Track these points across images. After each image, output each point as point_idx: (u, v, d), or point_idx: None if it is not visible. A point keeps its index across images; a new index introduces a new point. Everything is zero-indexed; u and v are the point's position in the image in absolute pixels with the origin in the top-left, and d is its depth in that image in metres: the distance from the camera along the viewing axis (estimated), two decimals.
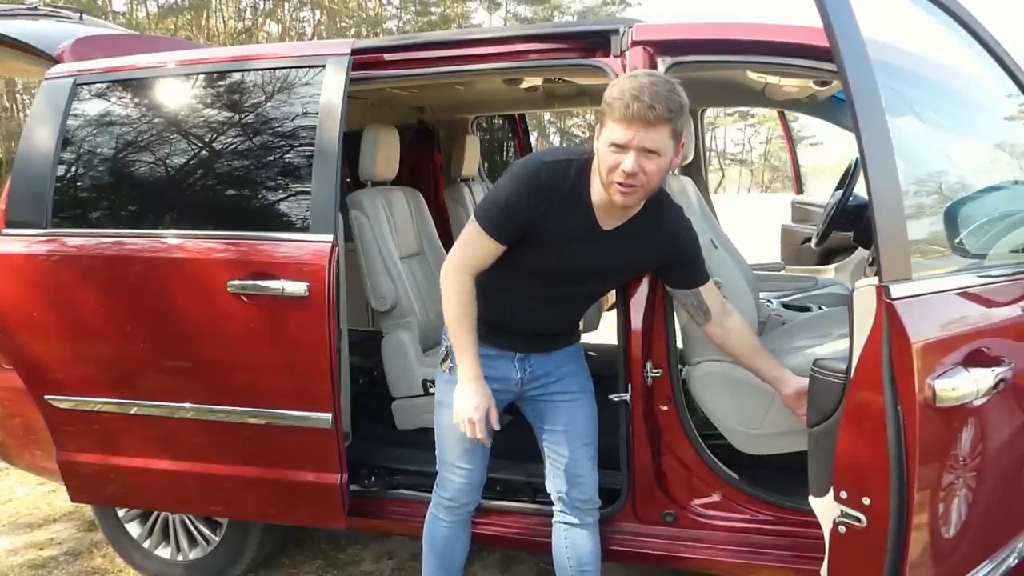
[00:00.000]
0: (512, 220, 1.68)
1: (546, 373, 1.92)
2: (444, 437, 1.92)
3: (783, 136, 5.22)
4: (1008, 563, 1.66)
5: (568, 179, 1.67)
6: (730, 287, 2.18)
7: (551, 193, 1.66)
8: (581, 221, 1.70)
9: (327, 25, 25.49)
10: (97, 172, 2.34)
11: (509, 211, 1.67)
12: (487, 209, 1.70)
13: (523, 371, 1.90)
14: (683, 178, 2.39)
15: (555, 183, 1.66)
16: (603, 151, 1.57)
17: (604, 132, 1.57)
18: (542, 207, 1.66)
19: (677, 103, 1.53)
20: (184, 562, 2.57)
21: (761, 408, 2.10)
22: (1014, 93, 1.93)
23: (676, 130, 1.56)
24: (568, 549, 1.97)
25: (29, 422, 2.42)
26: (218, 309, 2.12)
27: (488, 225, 1.69)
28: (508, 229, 1.69)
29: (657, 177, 1.59)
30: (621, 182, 1.55)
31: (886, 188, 1.38)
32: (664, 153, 1.56)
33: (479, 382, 1.75)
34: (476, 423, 1.72)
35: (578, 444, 1.91)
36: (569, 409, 1.92)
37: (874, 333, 1.40)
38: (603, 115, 1.57)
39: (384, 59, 2.25)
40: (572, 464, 1.91)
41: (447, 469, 1.94)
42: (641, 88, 1.50)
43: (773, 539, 2.01)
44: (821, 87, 2.72)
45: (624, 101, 1.50)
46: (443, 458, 1.94)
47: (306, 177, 2.11)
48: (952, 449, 1.46)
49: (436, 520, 2.01)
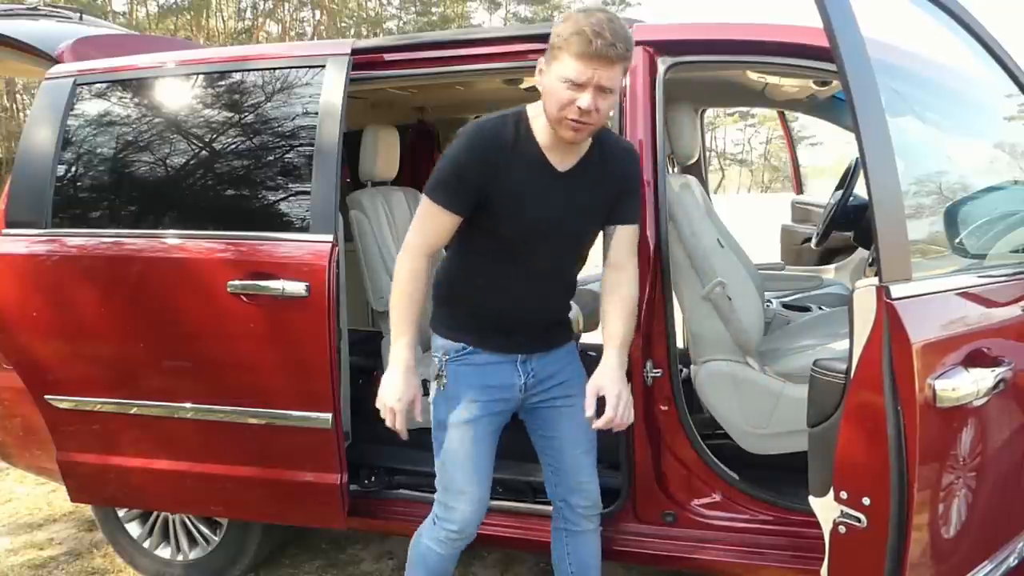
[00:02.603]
0: (464, 184, 1.61)
1: (549, 376, 1.82)
2: (450, 461, 1.76)
3: (783, 136, 5.22)
4: (1008, 563, 1.66)
5: (509, 129, 1.63)
6: (736, 287, 2.18)
7: (498, 148, 1.61)
8: (537, 167, 1.64)
9: (327, 25, 25.50)
10: (97, 172, 2.34)
11: (459, 175, 1.61)
12: (435, 181, 1.63)
13: (526, 376, 1.79)
14: (688, 177, 2.39)
15: (499, 137, 1.61)
16: (555, 87, 1.52)
17: (556, 67, 1.51)
18: (492, 162, 1.60)
19: (631, 40, 1.53)
20: (184, 562, 2.57)
21: (767, 408, 2.11)
22: (1014, 93, 1.93)
23: (627, 67, 1.58)
24: (570, 556, 1.91)
25: (29, 422, 2.42)
26: (218, 309, 2.12)
27: (439, 196, 1.62)
28: (461, 195, 1.61)
29: (607, 113, 1.59)
30: (575, 119, 1.51)
31: (886, 188, 1.38)
32: (616, 90, 1.55)
33: (410, 372, 1.67)
34: (398, 413, 1.66)
35: (580, 450, 1.84)
36: (571, 414, 1.81)
37: (874, 333, 1.39)
38: (555, 49, 1.51)
39: (384, 59, 2.25)
40: (576, 470, 1.84)
41: (454, 497, 1.77)
42: (602, 25, 1.46)
43: (773, 539, 2.01)
44: (821, 87, 2.73)
45: (586, 37, 1.46)
46: (450, 485, 1.77)
47: (306, 177, 2.11)
48: (952, 449, 1.46)
49: (431, 552, 1.84)
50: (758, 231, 6.39)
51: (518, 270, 1.71)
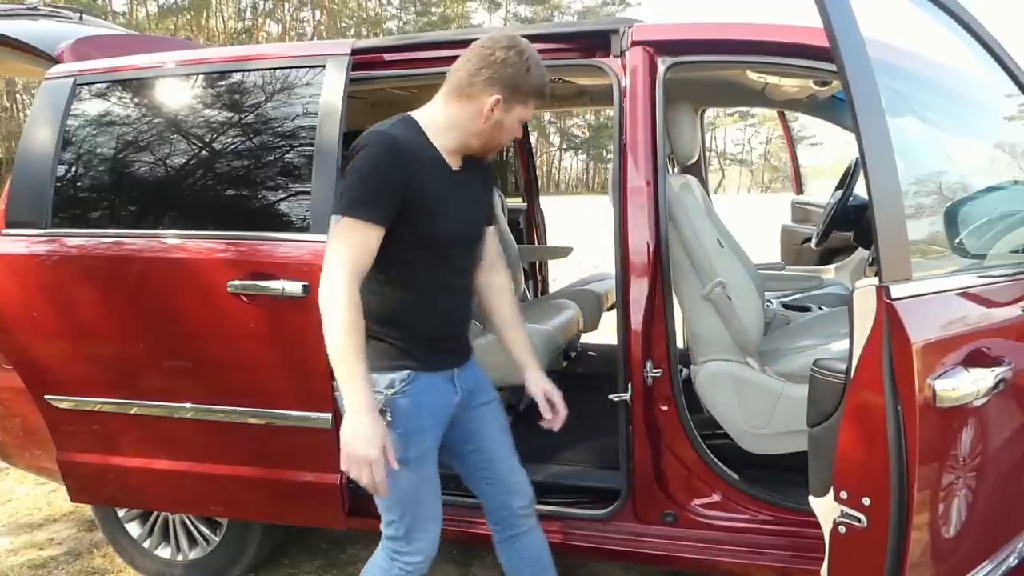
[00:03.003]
0: (385, 192, 1.55)
1: (474, 387, 1.79)
2: (419, 495, 1.68)
3: (783, 136, 5.22)
4: (1008, 563, 1.66)
5: (413, 136, 1.63)
6: (736, 287, 2.18)
7: (412, 153, 1.59)
8: (441, 168, 1.65)
9: (327, 25, 25.49)
10: (97, 172, 2.34)
11: (379, 185, 1.54)
12: (353, 198, 1.53)
13: (461, 391, 1.74)
14: (688, 177, 2.39)
15: (410, 143, 1.61)
16: (513, 126, 1.66)
17: (519, 111, 1.63)
18: (410, 169, 1.58)
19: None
20: (184, 562, 2.57)
21: (767, 408, 2.11)
22: (1014, 93, 1.93)
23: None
24: (524, 558, 1.87)
25: (29, 422, 2.42)
26: (218, 309, 2.12)
27: (361, 211, 1.52)
28: (383, 204, 1.55)
29: None
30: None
31: (886, 188, 1.38)
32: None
33: (373, 412, 1.49)
34: (375, 464, 1.46)
35: (507, 452, 1.83)
36: (492, 419, 1.82)
37: (874, 333, 1.40)
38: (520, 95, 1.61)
39: (384, 59, 2.25)
40: (510, 473, 1.83)
41: (422, 526, 1.70)
42: (545, 75, 1.63)
43: (773, 539, 2.01)
44: (821, 87, 2.73)
45: (539, 88, 1.62)
46: (420, 516, 1.70)
47: (306, 177, 2.11)
48: (952, 449, 1.46)
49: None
50: (758, 231, 6.39)
51: (441, 281, 1.68)
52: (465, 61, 1.61)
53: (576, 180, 52.51)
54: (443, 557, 2.70)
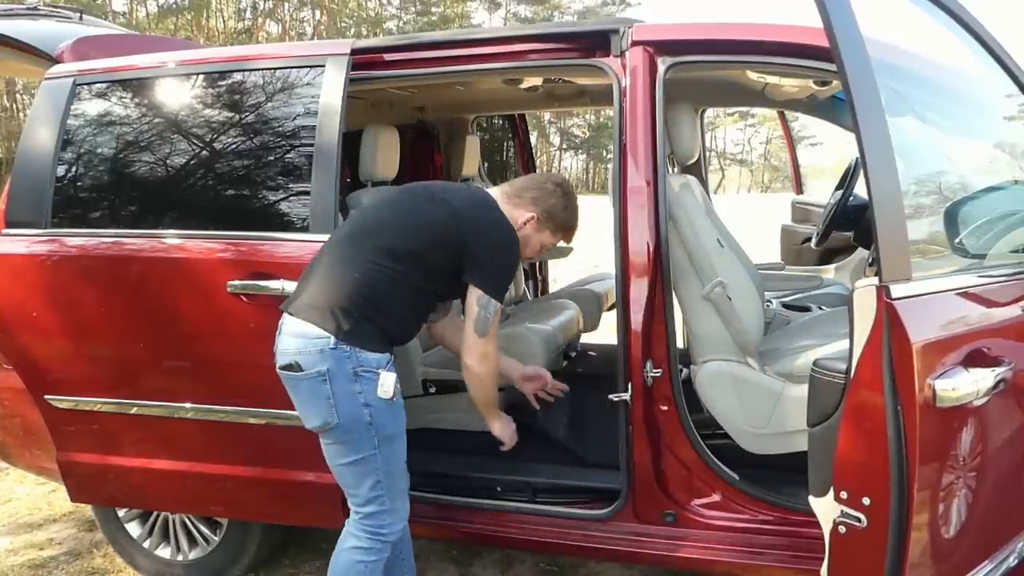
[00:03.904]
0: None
1: None
2: (398, 469, 1.88)
3: (783, 136, 5.21)
4: (1008, 563, 1.66)
5: None
6: (736, 287, 2.18)
7: None
8: None
9: (327, 25, 25.51)
10: (97, 172, 2.34)
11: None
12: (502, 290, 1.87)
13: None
14: (688, 177, 2.39)
15: None
16: (535, 246, 2.02)
17: (548, 236, 2.01)
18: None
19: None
20: (184, 562, 2.57)
21: (767, 408, 2.11)
22: (1014, 93, 1.93)
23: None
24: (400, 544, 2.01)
25: (29, 422, 2.42)
26: (218, 309, 2.12)
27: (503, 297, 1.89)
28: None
29: None
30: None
31: (886, 188, 1.38)
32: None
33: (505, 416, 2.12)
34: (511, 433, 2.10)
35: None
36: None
37: (874, 333, 1.40)
38: (553, 224, 2.00)
39: (384, 59, 2.25)
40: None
41: (400, 497, 1.90)
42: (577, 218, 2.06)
43: (773, 539, 2.01)
44: (821, 87, 2.72)
45: (568, 223, 2.02)
46: (397, 487, 1.89)
47: (306, 177, 2.11)
48: (952, 449, 1.46)
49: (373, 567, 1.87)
50: (758, 231, 6.39)
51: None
52: (531, 179, 2.05)
53: (576, 180, 52.56)
54: (443, 557, 2.70)
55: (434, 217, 1.85)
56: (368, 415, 1.78)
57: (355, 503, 1.87)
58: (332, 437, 1.82)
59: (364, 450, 1.80)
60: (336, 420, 1.77)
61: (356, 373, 1.76)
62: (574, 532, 2.15)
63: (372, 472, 1.82)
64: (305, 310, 1.79)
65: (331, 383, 1.75)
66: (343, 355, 1.75)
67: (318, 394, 1.77)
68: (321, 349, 1.75)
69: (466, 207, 1.86)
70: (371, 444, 1.80)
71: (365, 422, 1.78)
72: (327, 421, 1.78)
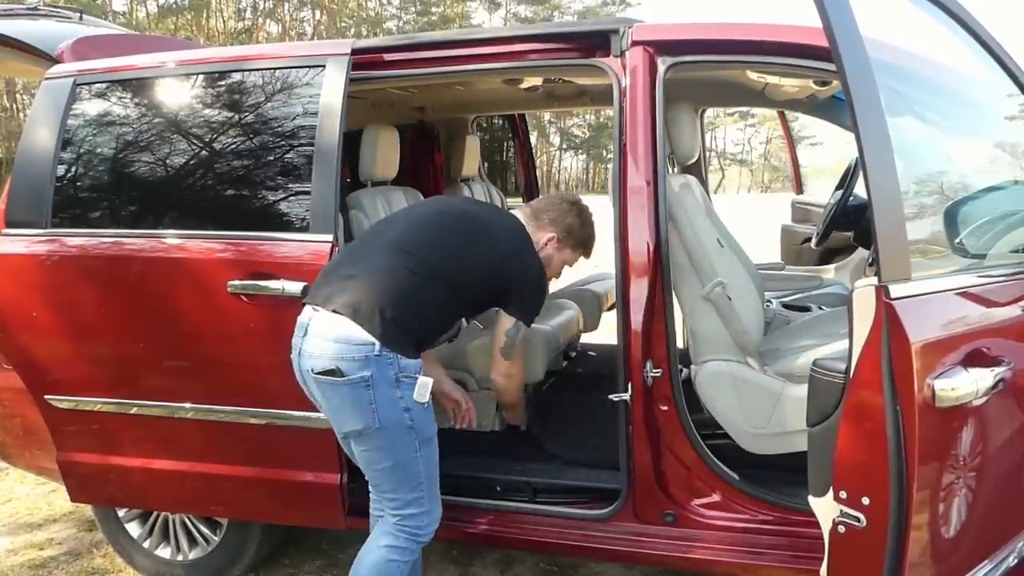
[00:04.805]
0: None
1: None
2: (436, 471, 1.90)
3: (783, 136, 5.21)
4: (1008, 563, 1.66)
5: None
6: (736, 287, 2.18)
7: None
8: None
9: (327, 25, 25.51)
10: (97, 172, 2.34)
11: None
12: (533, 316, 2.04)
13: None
14: (688, 177, 2.39)
15: None
16: (558, 266, 2.18)
17: (569, 254, 2.18)
18: None
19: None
20: (184, 562, 2.57)
21: (767, 408, 2.11)
22: (1014, 93, 1.93)
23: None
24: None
25: (29, 422, 2.42)
26: (218, 309, 2.12)
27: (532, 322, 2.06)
28: None
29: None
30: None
31: (886, 188, 1.38)
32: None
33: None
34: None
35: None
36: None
37: (874, 333, 1.40)
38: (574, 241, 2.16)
39: (384, 59, 2.25)
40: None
41: (436, 500, 1.91)
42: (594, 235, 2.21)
43: (773, 539, 2.01)
44: (821, 87, 2.72)
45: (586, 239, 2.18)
46: (435, 490, 1.91)
47: (306, 177, 2.11)
48: (952, 449, 1.46)
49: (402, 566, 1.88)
50: (758, 231, 6.39)
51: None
52: (547, 200, 2.18)
53: (576, 180, 52.53)
54: (443, 557, 2.70)
55: (483, 258, 1.94)
56: (409, 419, 1.80)
57: (394, 506, 1.86)
58: (371, 443, 1.81)
59: (407, 453, 1.82)
60: (377, 425, 1.77)
61: (398, 379, 1.77)
62: (574, 532, 2.15)
63: (414, 475, 1.84)
64: (348, 309, 1.76)
65: (374, 389, 1.75)
66: (386, 361, 1.75)
67: (360, 400, 1.76)
68: (366, 355, 1.74)
69: (511, 248, 1.98)
70: (413, 448, 1.82)
71: (407, 426, 1.80)
72: (368, 425, 1.77)
